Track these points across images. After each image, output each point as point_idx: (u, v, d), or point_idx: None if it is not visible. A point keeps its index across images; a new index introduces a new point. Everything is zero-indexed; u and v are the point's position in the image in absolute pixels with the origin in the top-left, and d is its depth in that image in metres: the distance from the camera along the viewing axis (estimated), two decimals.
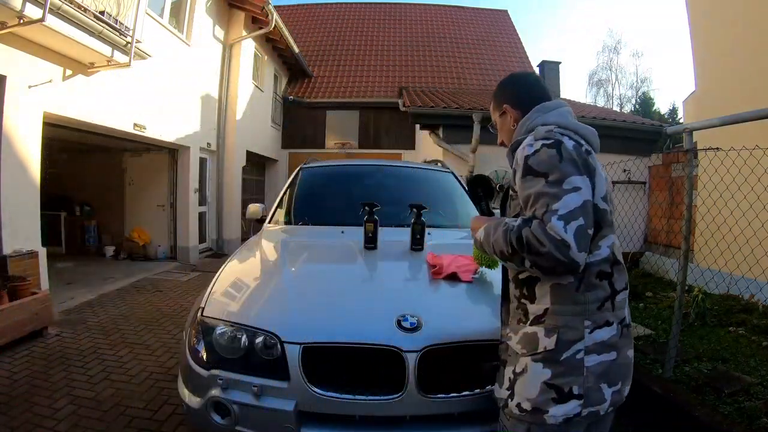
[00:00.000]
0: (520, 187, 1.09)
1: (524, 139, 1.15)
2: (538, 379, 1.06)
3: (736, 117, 2.25)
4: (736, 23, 5.15)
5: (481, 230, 1.17)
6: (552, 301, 1.08)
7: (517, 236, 1.01)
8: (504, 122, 1.31)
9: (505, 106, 1.28)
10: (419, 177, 3.32)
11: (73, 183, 7.73)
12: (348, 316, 1.55)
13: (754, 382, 2.41)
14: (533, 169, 1.05)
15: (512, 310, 1.21)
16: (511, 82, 1.33)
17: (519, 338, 1.13)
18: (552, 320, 1.07)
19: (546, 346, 1.06)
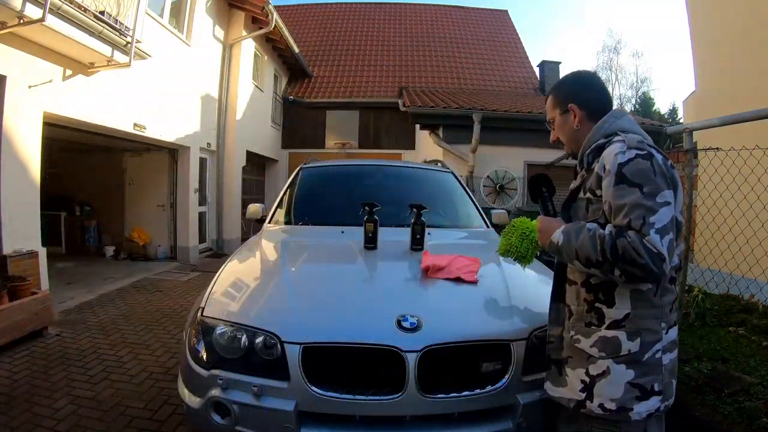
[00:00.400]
0: (611, 194, 1.07)
1: (605, 143, 1.16)
2: (622, 379, 1.10)
3: (736, 117, 2.25)
4: (736, 23, 5.15)
5: (559, 233, 1.14)
6: (633, 306, 1.11)
7: (612, 246, 1.02)
8: (565, 121, 1.28)
9: (571, 106, 1.26)
10: (419, 177, 3.32)
11: (73, 183, 7.73)
12: (348, 316, 1.55)
13: (754, 382, 2.41)
14: (627, 178, 1.05)
15: (577, 312, 1.20)
16: (580, 82, 1.30)
17: (594, 341, 1.14)
18: (634, 324, 1.11)
19: (630, 349, 1.10)
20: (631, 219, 1.02)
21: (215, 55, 8.10)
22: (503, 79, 13.30)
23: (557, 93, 1.31)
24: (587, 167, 1.20)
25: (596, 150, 1.17)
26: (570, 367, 1.20)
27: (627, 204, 1.03)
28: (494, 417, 1.45)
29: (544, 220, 1.26)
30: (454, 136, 7.66)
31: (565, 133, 1.30)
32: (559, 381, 1.24)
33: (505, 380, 1.44)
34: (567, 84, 1.32)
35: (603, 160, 1.12)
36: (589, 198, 1.16)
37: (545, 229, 1.19)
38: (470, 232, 2.75)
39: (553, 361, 1.27)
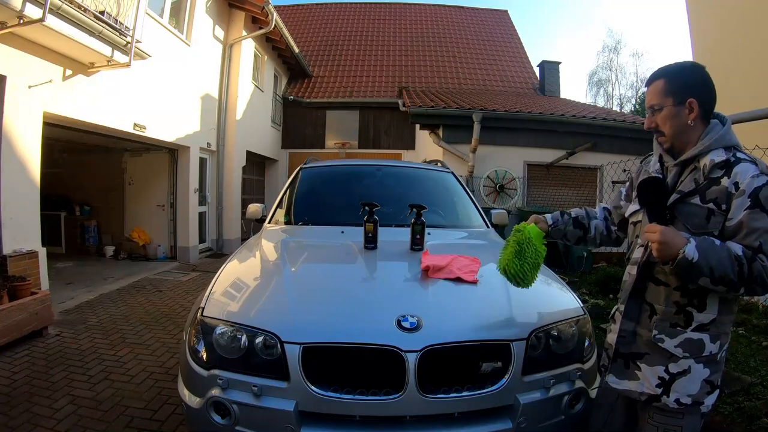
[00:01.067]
0: (745, 215, 1.10)
1: (728, 158, 1.16)
2: (700, 377, 1.19)
3: (736, 117, 2.25)
4: (736, 23, 5.15)
5: (693, 250, 1.09)
6: (719, 311, 1.19)
7: (749, 269, 1.07)
8: (679, 114, 1.20)
9: (692, 101, 1.18)
10: (419, 177, 3.32)
11: (73, 183, 7.74)
12: (348, 316, 1.55)
13: (754, 382, 2.41)
14: (762, 204, 1.09)
15: (663, 312, 1.22)
16: (701, 77, 1.22)
17: (680, 342, 1.20)
18: (716, 328, 1.19)
19: (711, 351, 1.19)
20: (762, 243, 1.09)
21: (215, 55, 8.10)
22: (503, 79, 13.31)
23: (674, 80, 1.21)
24: (707, 176, 1.17)
25: (723, 164, 1.16)
26: (646, 363, 1.24)
27: (760, 228, 1.09)
28: (494, 417, 1.45)
29: (667, 232, 1.13)
30: (454, 136, 7.66)
31: (673, 125, 1.21)
32: (626, 374, 1.29)
33: (505, 380, 1.44)
34: (688, 74, 1.22)
35: (735, 177, 1.12)
36: (711, 209, 1.15)
37: (670, 243, 1.11)
38: (470, 232, 2.75)
39: (621, 355, 1.30)
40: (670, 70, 1.24)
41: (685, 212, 1.18)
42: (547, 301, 1.80)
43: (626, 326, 1.30)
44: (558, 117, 7.61)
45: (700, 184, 1.17)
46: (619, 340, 1.31)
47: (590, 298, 4.74)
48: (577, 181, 7.81)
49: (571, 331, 1.63)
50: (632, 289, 1.30)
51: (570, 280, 5.33)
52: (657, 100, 1.22)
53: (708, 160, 1.17)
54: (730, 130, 1.21)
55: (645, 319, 1.26)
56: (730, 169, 1.14)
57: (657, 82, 1.23)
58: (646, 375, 1.24)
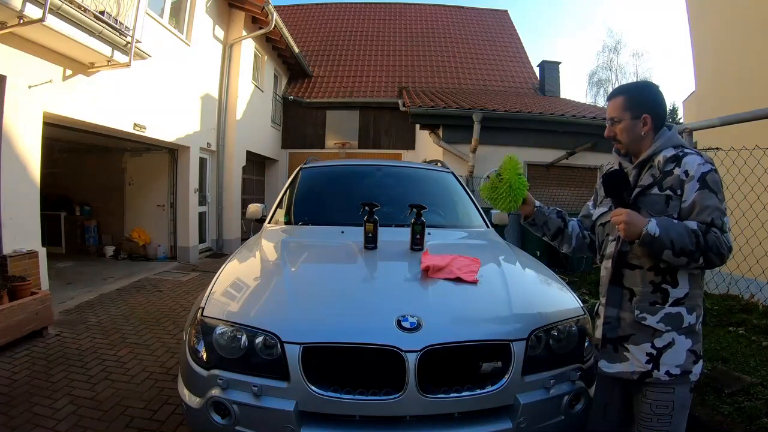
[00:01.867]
0: (696, 195, 1.28)
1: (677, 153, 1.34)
2: (684, 348, 1.31)
3: (736, 117, 2.25)
4: (735, 23, 5.15)
5: (654, 226, 1.25)
6: (690, 285, 1.33)
7: (704, 239, 1.22)
8: (635, 126, 1.40)
9: (646, 116, 1.39)
10: (419, 177, 3.32)
11: (73, 183, 7.73)
12: (348, 316, 1.55)
13: (754, 382, 2.41)
14: (709, 185, 1.27)
15: (641, 293, 1.34)
16: (654, 95, 1.42)
17: (660, 317, 1.31)
18: (691, 301, 1.32)
19: (690, 322, 1.31)
20: (713, 218, 1.25)
21: (215, 55, 8.10)
22: (503, 79, 13.31)
23: (632, 98, 1.41)
24: (662, 169, 1.35)
25: (673, 158, 1.34)
26: (632, 343, 1.35)
27: (710, 206, 1.25)
28: (494, 417, 1.45)
29: (631, 213, 1.30)
30: (454, 136, 7.66)
31: (628, 136, 1.42)
32: (616, 358, 1.38)
33: (505, 380, 1.44)
34: (644, 93, 1.43)
35: (685, 167, 1.30)
36: (669, 195, 1.32)
37: (634, 222, 1.27)
38: (470, 232, 2.75)
39: (609, 340, 1.39)
40: (629, 88, 1.47)
41: (647, 202, 1.35)
42: (547, 301, 1.80)
43: (610, 313, 1.40)
44: (558, 117, 7.61)
45: (657, 177, 1.36)
46: (605, 327, 1.40)
47: (590, 298, 4.73)
48: (577, 181, 7.80)
49: (572, 331, 1.63)
50: (611, 277, 1.42)
51: (570, 280, 5.32)
52: (617, 114, 1.43)
53: (661, 157, 1.37)
54: (676, 134, 1.43)
55: (626, 303, 1.38)
56: (680, 160, 1.33)
57: (617, 98, 1.43)
58: (635, 354, 1.34)
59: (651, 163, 1.40)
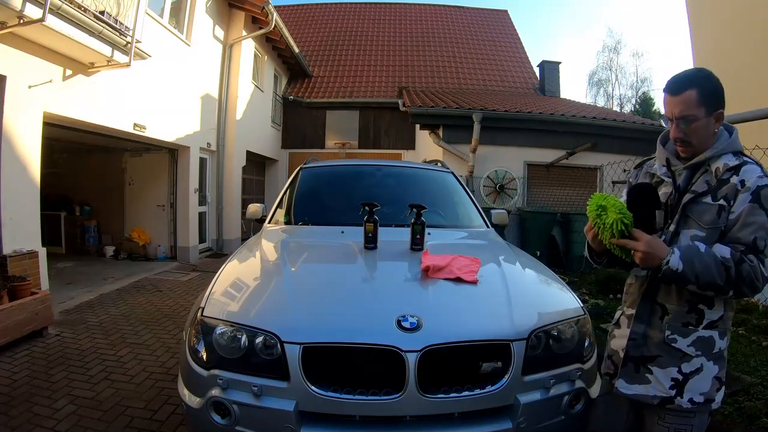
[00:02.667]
0: (745, 209, 1.15)
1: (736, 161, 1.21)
2: (711, 375, 1.21)
3: (736, 117, 2.25)
4: (735, 23, 5.15)
5: (677, 260, 1.14)
6: (725, 308, 1.23)
7: (737, 272, 1.11)
8: (708, 125, 1.23)
9: (721, 112, 1.23)
10: (419, 177, 3.32)
11: (73, 183, 7.74)
12: (348, 316, 1.55)
13: (754, 382, 2.41)
14: (761, 201, 1.15)
15: (675, 312, 1.24)
16: (722, 88, 1.24)
17: (692, 341, 1.22)
18: (724, 324, 1.23)
19: (720, 347, 1.22)
20: (756, 237, 1.14)
21: (215, 55, 8.10)
22: (503, 79, 13.31)
23: (707, 92, 1.21)
24: (720, 178, 1.22)
25: (734, 167, 1.22)
26: (658, 365, 1.25)
27: (756, 223, 1.14)
28: (494, 417, 1.45)
29: (650, 241, 1.16)
30: (454, 136, 7.66)
31: (701, 135, 1.23)
32: (636, 378, 1.28)
33: (505, 380, 1.44)
34: (716, 84, 1.23)
35: (743, 175, 1.18)
36: (723, 205, 1.20)
37: (653, 252, 1.15)
38: (470, 232, 2.75)
39: (631, 359, 1.30)
40: (700, 79, 1.22)
41: (697, 210, 1.23)
42: (547, 301, 1.80)
43: (637, 329, 1.30)
44: (558, 117, 7.61)
45: (712, 185, 1.22)
46: (629, 344, 1.30)
47: (590, 298, 4.74)
48: (577, 181, 7.80)
49: (571, 331, 1.63)
50: (645, 290, 1.31)
51: (570, 280, 5.33)
52: (691, 111, 1.21)
53: (721, 164, 1.22)
54: (737, 138, 1.28)
55: (656, 320, 1.27)
56: (739, 169, 1.20)
57: (689, 92, 1.20)
58: (659, 378, 1.24)
59: (706, 167, 1.26)
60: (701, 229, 1.21)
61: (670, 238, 1.27)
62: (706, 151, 1.24)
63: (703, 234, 1.21)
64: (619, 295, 4.53)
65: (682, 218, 1.25)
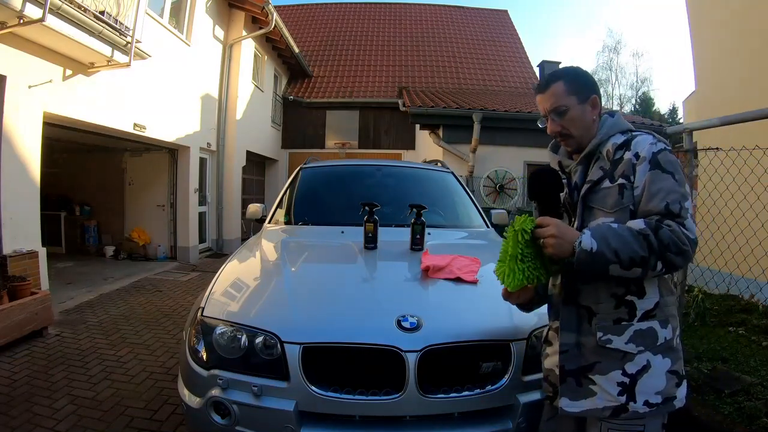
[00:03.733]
0: (647, 179, 1.08)
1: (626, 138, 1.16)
2: (663, 369, 1.09)
3: (736, 117, 2.25)
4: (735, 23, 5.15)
5: (589, 239, 1.03)
6: (660, 294, 1.12)
7: (656, 237, 1.00)
8: (583, 112, 1.19)
9: (595, 97, 1.20)
10: (419, 177, 3.32)
11: (73, 183, 7.74)
12: (348, 316, 1.55)
13: (754, 382, 2.41)
14: (661, 165, 1.08)
15: (602, 310, 1.12)
16: (589, 74, 1.25)
17: (629, 337, 1.09)
18: (663, 312, 1.11)
19: (666, 337, 1.10)
20: (669, 203, 1.04)
21: (215, 55, 8.10)
22: (503, 79, 13.31)
23: (574, 80, 1.20)
24: (612, 159, 1.16)
25: (622, 144, 1.16)
26: (599, 373, 1.11)
27: (663, 188, 1.06)
28: (494, 417, 1.45)
29: (559, 225, 1.07)
30: (454, 136, 7.67)
31: (579, 124, 1.20)
32: (580, 393, 1.14)
33: (504, 380, 1.44)
34: (582, 73, 1.23)
35: (635, 148, 1.12)
36: (623, 184, 1.11)
37: (564, 236, 1.05)
38: (470, 232, 2.75)
39: (570, 373, 1.15)
40: (565, 71, 1.23)
41: (598, 198, 1.15)
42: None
43: (567, 339, 1.17)
44: None
45: (607, 169, 1.16)
46: (562, 357, 1.17)
47: None
48: None
49: None
50: (564, 296, 1.19)
51: None
52: (561, 101, 1.18)
53: (610, 145, 1.17)
54: (620, 118, 1.23)
55: (585, 325, 1.15)
56: (629, 144, 1.15)
57: (555, 85, 1.19)
58: (603, 386, 1.10)
59: (598, 153, 1.20)
60: (607, 215, 1.13)
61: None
62: (592, 141, 1.20)
63: (611, 219, 1.12)
64: None
65: (586, 211, 1.18)
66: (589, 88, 1.20)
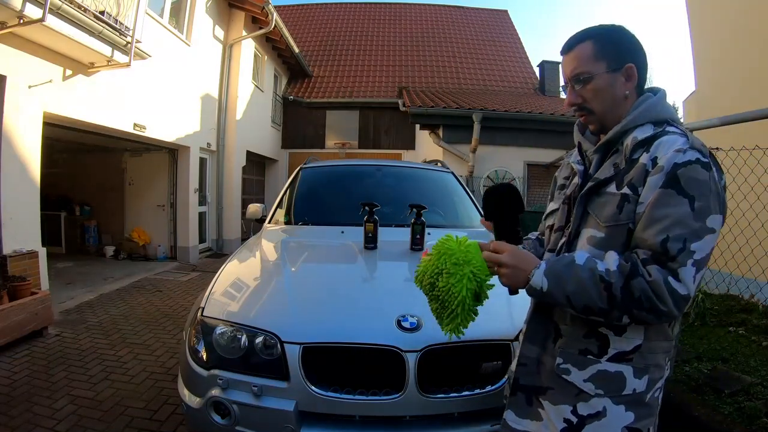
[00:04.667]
0: (653, 197, 0.83)
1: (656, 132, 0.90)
2: (620, 423, 0.90)
3: (736, 117, 2.25)
4: (736, 23, 5.15)
5: (541, 277, 0.87)
6: (646, 337, 0.90)
7: (623, 288, 0.80)
8: (613, 83, 0.93)
9: (630, 66, 0.92)
10: (419, 177, 3.32)
11: (73, 183, 7.74)
12: (348, 316, 1.55)
13: (754, 382, 2.41)
14: (680, 184, 0.81)
15: (570, 334, 0.96)
16: (636, 39, 0.95)
17: (591, 375, 0.91)
18: (643, 359, 0.90)
19: (635, 389, 0.90)
20: (669, 237, 0.79)
21: (215, 55, 8.10)
22: (503, 79, 13.31)
23: (606, 42, 0.93)
24: (629, 157, 0.90)
25: (645, 141, 0.89)
26: (549, 400, 0.96)
27: (668, 216, 0.80)
28: (494, 417, 1.45)
29: (515, 252, 0.92)
30: (454, 136, 7.67)
31: (605, 99, 0.94)
32: (528, 413, 1.00)
33: (505, 380, 1.44)
34: (621, 34, 0.95)
35: (656, 151, 0.86)
36: (626, 195, 0.87)
37: (518, 265, 0.90)
38: (470, 232, 2.73)
39: (522, 388, 1.02)
40: (598, 30, 0.95)
41: (598, 204, 0.92)
42: None
43: (528, 351, 1.03)
44: (558, 117, 7.62)
45: (620, 169, 0.91)
46: (519, 370, 1.03)
47: None
48: None
49: None
50: (537, 304, 1.04)
51: None
52: (586, 68, 0.93)
53: (631, 139, 0.91)
54: (663, 101, 0.95)
55: (549, 343, 0.99)
56: (652, 143, 0.88)
57: (583, 45, 0.94)
58: (550, 416, 0.95)
59: (619, 145, 0.95)
60: (599, 229, 0.91)
61: (568, 240, 0.98)
62: (617, 125, 0.93)
63: (601, 235, 0.90)
64: None
65: (584, 214, 0.95)
66: (625, 54, 0.93)
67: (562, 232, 1.03)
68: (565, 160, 1.15)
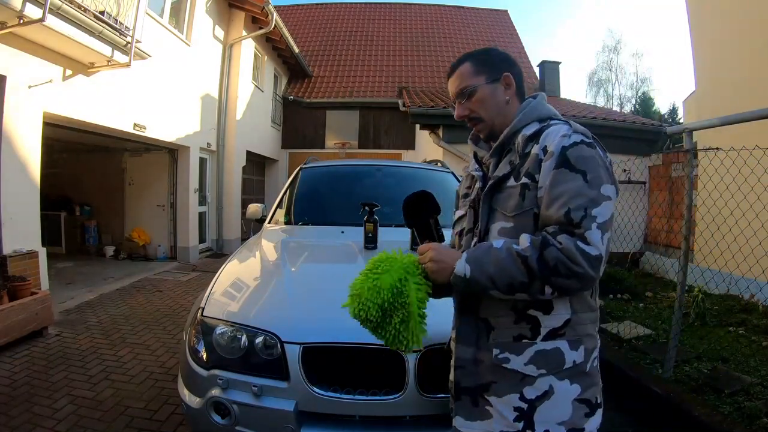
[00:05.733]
0: (549, 179, 0.92)
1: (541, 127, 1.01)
2: (569, 397, 0.95)
3: (736, 117, 2.25)
4: (735, 23, 5.15)
5: (463, 264, 0.92)
6: (573, 309, 0.96)
7: (539, 259, 0.86)
8: (494, 93, 1.06)
9: (507, 75, 1.06)
10: (419, 177, 3.32)
11: (73, 183, 7.74)
12: (348, 316, 1.55)
13: (754, 382, 2.41)
14: (570, 163, 0.91)
15: (500, 324, 0.99)
16: (507, 54, 1.11)
17: (530, 358, 0.95)
18: (575, 331, 0.96)
19: (575, 360, 0.95)
20: (570, 209, 0.87)
21: (215, 55, 8.10)
22: None
23: (482, 59, 1.08)
24: (521, 153, 1.01)
25: (533, 135, 1.01)
26: (495, 394, 0.98)
27: (566, 191, 0.89)
28: None
29: (439, 250, 0.99)
30: (454, 136, 7.66)
31: (490, 107, 1.06)
32: (476, 414, 1.01)
33: None
34: (493, 52, 1.10)
35: (545, 141, 0.96)
36: (526, 183, 0.96)
37: (443, 260, 0.96)
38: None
39: (465, 390, 1.03)
40: (473, 52, 1.11)
41: (502, 198, 1.00)
42: None
43: (463, 353, 1.04)
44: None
45: (516, 164, 1.00)
46: (458, 373, 1.04)
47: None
48: None
49: None
50: (461, 305, 1.07)
51: None
52: (469, 82, 1.06)
53: (521, 137, 1.02)
54: (543, 102, 1.08)
55: (483, 339, 1.01)
56: (539, 135, 0.99)
57: (463, 65, 1.08)
58: (500, 410, 0.97)
59: (511, 146, 1.04)
60: (507, 220, 0.98)
61: (480, 239, 1.03)
62: (506, 129, 1.05)
63: (510, 225, 0.97)
64: (620, 294, 4.54)
65: (491, 212, 1.02)
66: (500, 66, 1.07)
67: (472, 233, 1.08)
68: (464, 172, 1.25)
